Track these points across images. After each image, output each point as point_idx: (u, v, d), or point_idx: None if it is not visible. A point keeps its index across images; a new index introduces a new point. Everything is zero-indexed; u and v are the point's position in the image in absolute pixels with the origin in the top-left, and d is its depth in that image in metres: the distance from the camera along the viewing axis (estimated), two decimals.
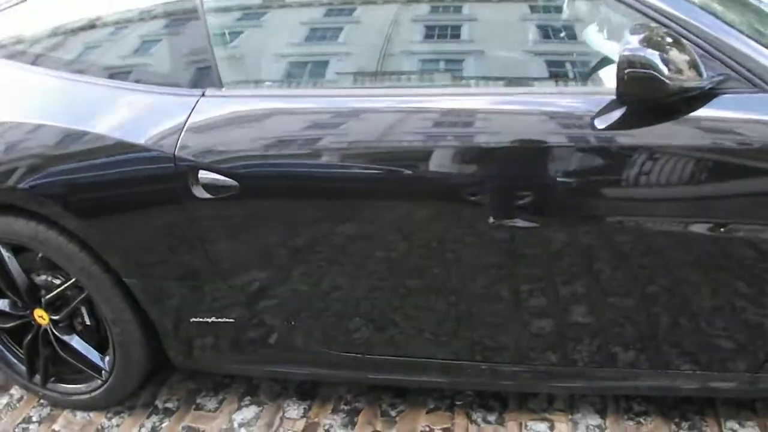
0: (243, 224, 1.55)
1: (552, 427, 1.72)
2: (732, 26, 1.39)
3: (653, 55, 1.19)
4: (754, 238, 1.39)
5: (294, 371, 1.77)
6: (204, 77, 1.58)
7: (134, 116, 1.57)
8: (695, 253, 1.43)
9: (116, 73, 1.66)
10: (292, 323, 1.65)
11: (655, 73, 1.19)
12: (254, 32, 1.66)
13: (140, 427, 1.83)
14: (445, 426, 1.74)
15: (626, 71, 1.20)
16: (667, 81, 1.20)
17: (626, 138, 1.37)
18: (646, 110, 1.36)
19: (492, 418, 1.76)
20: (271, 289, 1.61)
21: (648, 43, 1.22)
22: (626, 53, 1.20)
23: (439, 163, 1.44)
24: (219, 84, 1.56)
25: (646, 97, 1.25)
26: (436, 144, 1.45)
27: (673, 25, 1.35)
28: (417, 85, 1.57)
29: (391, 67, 1.59)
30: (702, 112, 1.34)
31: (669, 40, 1.25)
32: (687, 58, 1.26)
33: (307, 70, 1.63)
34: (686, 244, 1.42)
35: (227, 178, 1.49)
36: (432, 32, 1.60)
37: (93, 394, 1.84)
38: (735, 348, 1.54)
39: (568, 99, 1.43)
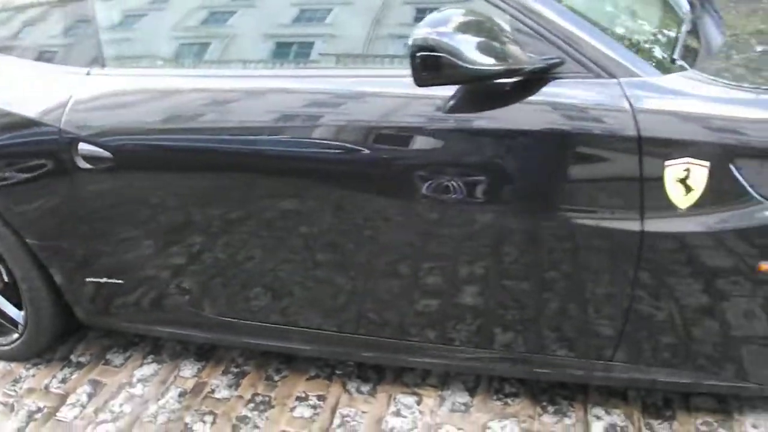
0: (120, 193, 1.66)
1: (420, 402, 1.78)
2: (571, 10, 1.40)
3: (446, 40, 1.21)
4: (594, 225, 1.41)
5: (178, 332, 1.88)
6: (90, 56, 1.70)
7: (25, 91, 1.71)
8: (534, 238, 1.46)
9: (6, 48, 1.80)
10: (173, 287, 1.77)
11: (449, 57, 1.22)
12: (137, 13, 1.75)
13: (52, 378, 1.98)
14: (321, 393, 1.83)
15: (418, 55, 1.24)
16: (462, 65, 1.23)
17: (464, 121, 1.41)
18: (484, 94, 1.39)
19: (365, 389, 1.83)
20: (150, 254, 1.73)
21: (454, 27, 1.24)
22: (417, 38, 1.23)
23: (292, 140, 1.52)
24: (102, 63, 1.68)
25: (442, 82, 1.28)
26: (300, 124, 1.52)
27: (507, 7, 1.38)
28: (282, 65, 1.64)
29: (259, 49, 1.66)
30: (536, 97, 1.37)
31: (477, 22, 1.27)
32: (498, 42, 1.29)
33: (184, 52, 1.71)
34: (527, 229, 1.45)
35: (103, 150, 1.61)
36: (303, 14, 1.66)
37: (12, 346, 2.01)
38: (588, 336, 1.56)
39: None
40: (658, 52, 1.48)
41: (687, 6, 1.81)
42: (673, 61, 1.45)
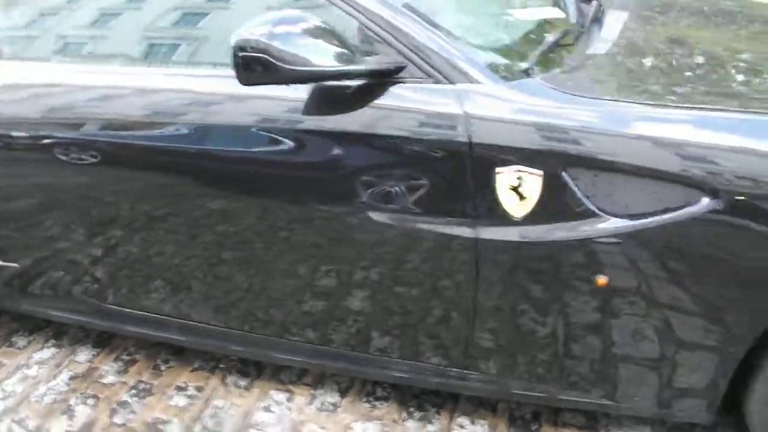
0: (11, 181, 1.74)
1: (291, 399, 1.80)
2: (418, 14, 1.42)
3: (265, 40, 1.25)
4: (433, 231, 1.42)
5: (76, 318, 1.93)
6: None
7: None
8: (376, 243, 1.47)
9: None
10: (68, 274, 1.83)
11: (267, 58, 1.25)
12: (32, 8, 1.84)
13: None
14: (200, 385, 1.86)
15: (240, 55, 1.27)
16: (280, 65, 1.26)
17: (313, 122, 1.44)
18: (330, 98, 1.42)
19: (243, 383, 1.86)
20: (42, 241, 1.80)
21: (280, 28, 1.27)
22: (239, 39, 1.26)
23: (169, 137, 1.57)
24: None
25: (264, 82, 1.30)
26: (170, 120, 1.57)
27: (354, 12, 1.41)
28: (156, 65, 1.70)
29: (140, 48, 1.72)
30: (379, 101, 1.39)
31: (307, 26, 1.30)
32: (330, 44, 1.31)
33: (73, 47, 1.79)
34: (367, 234, 1.47)
35: None
36: (186, 16, 1.71)
37: None
38: (440, 343, 1.56)
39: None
40: (509, 60, 1.48)
41: (576, 14, 1.81)
42: (527, 70, 1.45)
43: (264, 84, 1.31)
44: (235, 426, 1.72)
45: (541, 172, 1.31)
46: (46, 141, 1.67)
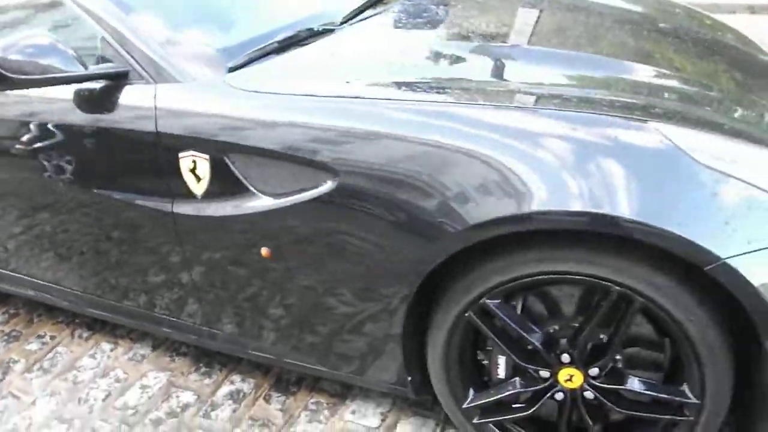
0: None
1: (114, 349, 2.13)
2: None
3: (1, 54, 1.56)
4: (149, 206, 1.67)
5: None
6: None
7: None
8: (107, 219, 1.77)
9: None
10: None
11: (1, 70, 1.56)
12: None
13: None
14: (54, 335, 2.24)
15: None
16: (11, 75, 1.57)
17: (69, 118, 1.74)
18: (83, 98, 1.71)
19: (86, 335, 2.22)
20: None
21: (18, 43, 1.58)
22: None
23: None
24: None
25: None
26: None
27: (92, 23, 1.69)
28: None
29: None
30: (116, 99, 1.66)
31: (39, 41, 1.60)
32: (60, 55, 1.60)
33: None
34: (102, 209, 1.76)
35: None
36: None
37: None
38: (181, 302, 1.80)
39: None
40: (209, 61, 1.68)
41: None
42: (232, 69, 1.65)
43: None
44: (64, 367, 2.08)
45: (208, 156, 1.53)
46: None
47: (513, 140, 1.26)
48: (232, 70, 1.63)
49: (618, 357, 1.39)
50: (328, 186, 1.40)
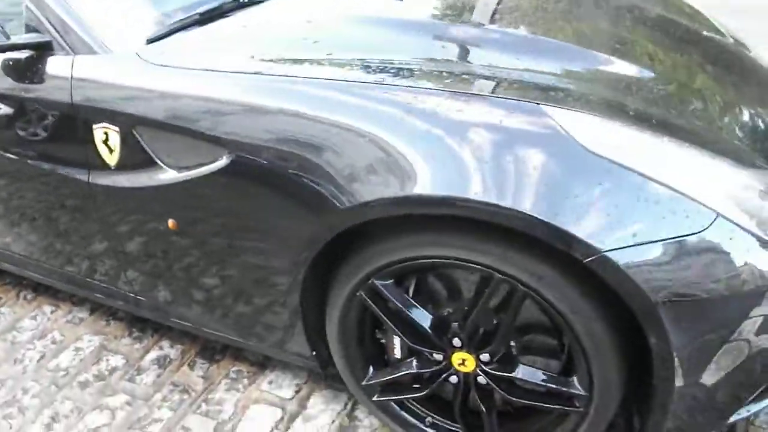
0: None
1: (55, 311, 2.19)
2: None
3: None
4: (63, 175, 1.70)
5: None
6: None
7: None
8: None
9: None
10: None
11: None
12: None
13: None
14: (0, 296, 2.31)
15: None
16: None
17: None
18: (9, 67, 1.73)
19: (30, 297, 2.29)
20: None
21: None
22: None
23: None
24: None
25: None
26: None
27: None
28: None
29: None
30: (39, 69, 1.67)
31: None
32: None
33: None
34: (26, 175, 1.80)
35: None
36: None
37: None
38: (112, 270, 1.84)
39: None
40: (131, 34, 1.68)
41: None
42: (151, 40, 1.65)
43: None
44: (5, 328, 2.15)
45: (118, 129, 1.55)
46: None
47: (400, 121, 1.26)
48: (150, 42, 1.65)
49: (512, 344, 1.40)
50: (223, 161, 1.42)
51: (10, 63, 1.70)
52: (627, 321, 1.23)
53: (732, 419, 1.35)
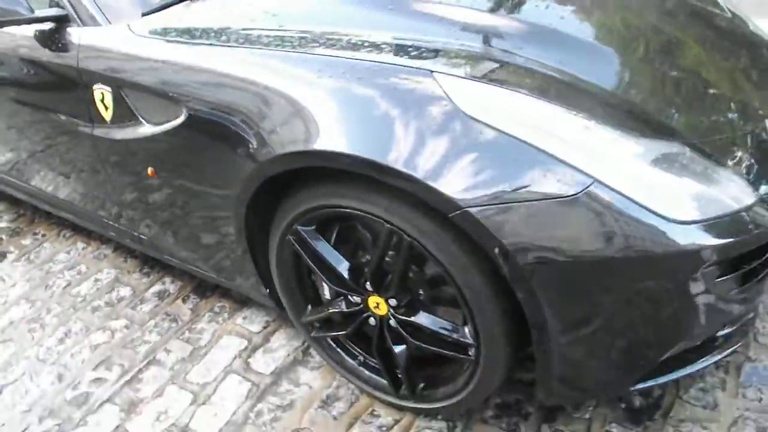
0: None
1: (86, 247, 2.55)
2: None
3: None
4: (74, 130, 2.01)
5: None
6: None
7: None
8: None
9: None
10: None
11: None
12: None
13: None
14: (45, 233, 2.69)
15: None
16: None
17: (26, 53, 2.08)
18: (37, 37, 2.04)
19: (69, 234, 2.65)
20: None
21: None
22: None
23: None
24: None
25: None
26: None
27: None
28: None
29: None
30: (59, 39, 1.97)
31: None
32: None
33: None
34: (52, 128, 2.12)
35: None
36: None
37: None
38: (113, 209, 2.15)
39: None
40: (129, 7, 1.93)
41: None
42: (145, 14, 1.90)
43: None
44: (43, 260, 2.53)
45: (110, 89, 1.82)
46: None
47: (309, 85, 1.43)
48: (144, 15, 1.90)
49: (421, 293, 1.53)
50: (182, 117, 1.65)
51: (38, 34, 2.01)
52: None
53: (638, 386, 1.44)
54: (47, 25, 1.97)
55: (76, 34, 1.90)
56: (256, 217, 1.67)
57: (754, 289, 1.42)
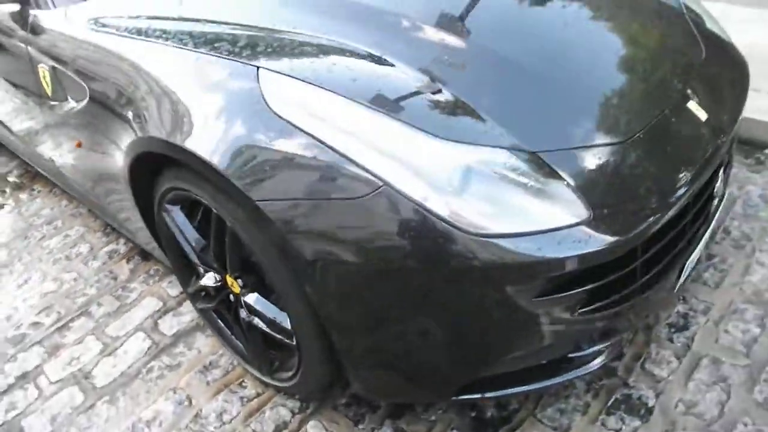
0: None
1: (69, 205, 2.82)
2: None
3: None
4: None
5: None
6: None
7: None
8: None
9: None
10: None
11: None
12: None
13: None
14: (41, 189, 3.00)
15: None
16: None
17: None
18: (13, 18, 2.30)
19: (59, 192, 2.94)
20: None
21: None
22: None
23: None
24: None
25: None
26: None
27: None
28: None
29: None
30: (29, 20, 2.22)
31: None
32: None
33: None
34: None
35: None
36: None
37: None
38: None
39: None
40: None
41: None
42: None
43: None
44: (31, 213, 2.84)
45: (47, 68, 2.03)
46: None
47: (170, 77, 1.55)
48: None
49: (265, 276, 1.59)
50: (88, 96, 1.83)
51: (12, 13, 2.26)
52: None
53: (463, 397, 1.43)
54: (16, 6, 2.21)
55: (31, 15, 2.13)
56: (145, 192, 1.82)
57: (606, 317, 1.37)
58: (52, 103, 2.10)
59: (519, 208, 1.23)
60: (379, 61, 1.44)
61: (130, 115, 1.65)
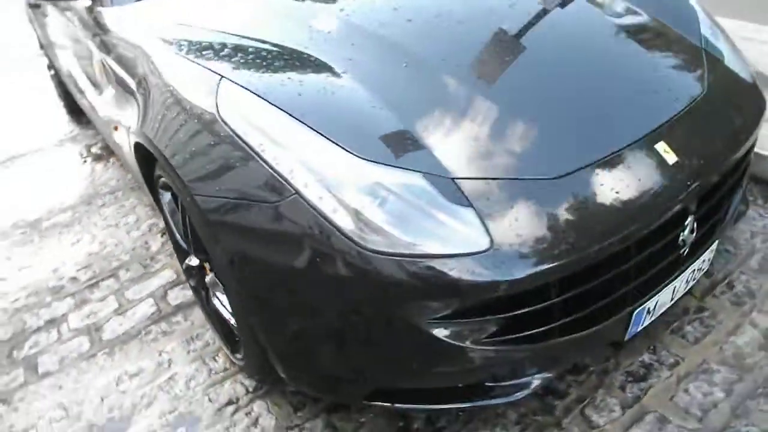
0: None
1: (130, 179, 3.16)
2: None
3: None
4: None
5: None
6: None
7: None
8: None
9: None
10: None
11: None
12: None
13: None
14: None
15: None
16: None
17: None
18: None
19: None
20: None
21: None
22: None
23: None
24: None
25: None
26: None
27: None
28: None
29: None
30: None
31: None
32: None
33: None
34: None
35: None
36: None
37: None
38: None
39: None
40: None
41: None
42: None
43: None
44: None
45: (101, 59, 2.33)
46: None
47: (152, 73, 1.77)
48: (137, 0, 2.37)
49: None
50: (119, 86, 2.11)
51: (86, 8, 2.60)
52: None
53: (376, 402, 1.50)
54: (88, 2, 2.54)
55: (96, 11, 2.44)
56: (149, 179, 2.06)
57: (520, 351, 1.39)
58: (103, 89, 2.41)
59: (421, 230, 1.27)
60: (337, 77, 1.54)
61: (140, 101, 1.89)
